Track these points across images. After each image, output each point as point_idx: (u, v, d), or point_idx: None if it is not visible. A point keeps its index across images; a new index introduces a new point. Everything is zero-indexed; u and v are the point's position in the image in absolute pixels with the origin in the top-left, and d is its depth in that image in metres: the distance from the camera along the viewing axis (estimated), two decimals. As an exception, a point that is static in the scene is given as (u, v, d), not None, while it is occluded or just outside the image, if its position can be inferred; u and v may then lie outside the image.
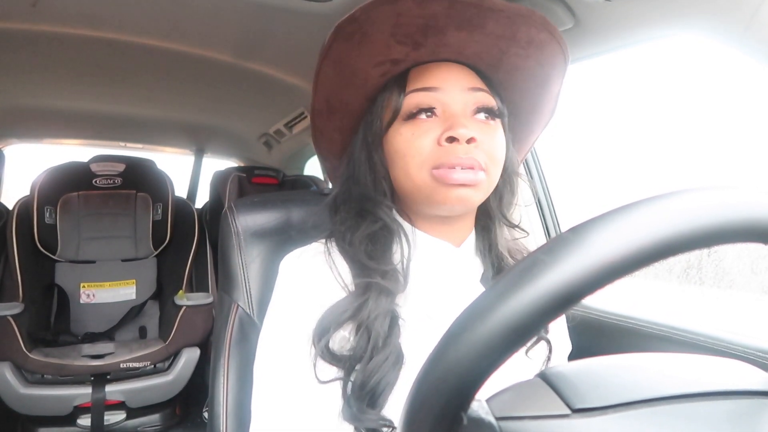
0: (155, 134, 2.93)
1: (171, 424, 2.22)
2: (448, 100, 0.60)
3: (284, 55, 1.75)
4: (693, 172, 1.55)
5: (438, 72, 0.61)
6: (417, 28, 0.57)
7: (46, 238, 2.28)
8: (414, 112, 0.60)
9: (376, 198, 0.64)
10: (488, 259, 0.68)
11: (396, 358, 0.57)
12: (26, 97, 2.27)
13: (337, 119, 0.67)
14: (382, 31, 0.57)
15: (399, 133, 0.61)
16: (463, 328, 0.26)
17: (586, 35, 1.00)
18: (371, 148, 0.64)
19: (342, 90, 0.64)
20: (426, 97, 0.60)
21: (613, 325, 1.11)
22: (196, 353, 2.16)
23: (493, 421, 0.28)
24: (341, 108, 0.66)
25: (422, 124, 0.60)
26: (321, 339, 0.57)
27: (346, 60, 0.61)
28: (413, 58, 0.61)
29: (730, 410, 0.30)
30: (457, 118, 0.59)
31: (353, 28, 0.58)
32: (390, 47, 0.59)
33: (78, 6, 1.46)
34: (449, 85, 0.61)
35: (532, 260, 0.26)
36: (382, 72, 0.62)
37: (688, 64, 1.25)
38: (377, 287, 0.59)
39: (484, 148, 0.59)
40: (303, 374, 0.58)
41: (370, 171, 0.65)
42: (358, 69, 0.61)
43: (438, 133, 0.59)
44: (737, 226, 0.26)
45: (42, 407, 1.95)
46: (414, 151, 0.59)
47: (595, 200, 1.70)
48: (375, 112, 0.64)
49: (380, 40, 0.58)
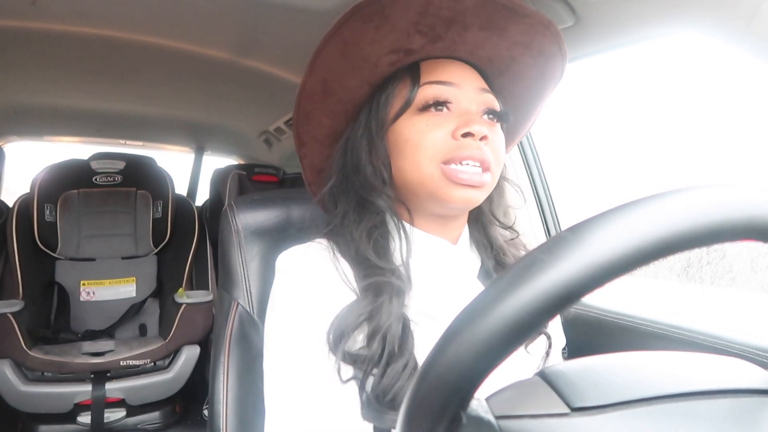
0: (155, 132, 2.93)
1: (171, 422, 2.23)
2: (463, 97, 0.61)
3: (284, 52, 1.74)
4: (693, 169, 1.55)
5: (452, 68, 0.62)
6: (442, 21, 0.57)
7: (47, 236, 2.28)
8: (429, 104, 0.60)
9: (377, 186, 0.63)
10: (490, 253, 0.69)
11: (414, 365, 0.57)
12: (26, 95, 2.27)
13: (331, 103, 0.65)
14: (406, 18, 0.57)
15: (412, 123, 0.61)
16: (463, 327, 0.26)
17: (586, 33, 1.00)
18: (375, 137, 0.63)
19: (346, 73, 0.62)
20: (443, 90, 0.60)
21: (613, 324, 1.11)
22: (196, 351, 2.16)
23: (492, 420, 0.28)
24: (340, 92, 0.64)
25: (436, 117, 0.60)
26: (339, 343, 0.56)
27: (357, 42, 0.59)
28: (428, 51, 0.61)
29: (729, 408, 0.30)
30: (471, 114, 0.60)
31: (374, 10, 0.56)
32: (410, 36, 0.58)
33: (77, 4, 1.45)
34: (464, 82, 0.61)
35: (530, 259, 0.26)
36: (393, 60, 0.61)
37: (689, 62, 1.25)
38: (390, 288, 0.58)
39: (493, 147, 0.60)
40: (319, 373, 0.57)
41: (371, 159, 0.63)
42: (369, 53, 0.60)
43: (452, 128, 0.59)
44: (736, 224, 0.26)
45: (42, 405, 1.95)
46: (427, 142, 0.59)
47: (596, 198, 1.70)
48: (382, 101, 0.63)
49: (402, 27, 0.58)
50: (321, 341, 0.57)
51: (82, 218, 2.39)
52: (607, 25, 0.97)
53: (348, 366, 0.57)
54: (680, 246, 0.25)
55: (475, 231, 0.70)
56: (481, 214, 0.70)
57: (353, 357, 0.57)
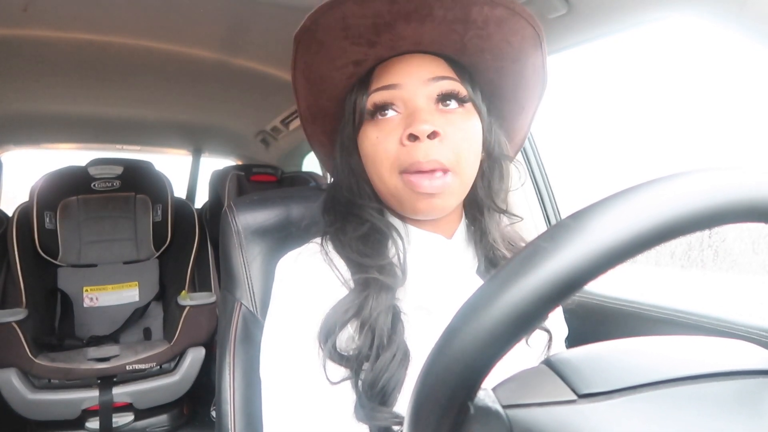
0: (152, 136, 2.93)
1: (179, 424, 2.24)
2: (408, 94, 0.59)
3: (277, 51, 1.74)
4: (691, 156, 1.55)
5: (398, 66, 0.60)
6: (366, 28, 0.57)
7: (47, 244, 2.28)
8: (373, 111, 0.60)
9: (361, 202, 0.64)
10: (480, 249, 0.67)
11: (403, 355, 0.57)
12: (21, 103, 2.27)
13: (319, 124, 0.68)
14: (334, 36, 0.57)
15: (366, 136, 0.61)
16: (468, 317, 0.26)
17: (579, 20, 0.99)
18: (348, 153, 0.64)
19: (317, 97, 0.64)
20: (384, 95, 0.59)
21: (616, 310, 1.11)
22: (202, 353, 2.17)
23: (500, 410, 0.28)
24: (321, 114, 0.66)
25: (386, 124, 0.59)
26: (327, 340, 0.56)
27: (312, 68, 0.61)
28: (373, 56, 0.60)
29: (734, 390, 0.30)
30: (417, 113, 0.57)
31: (308, 37, 0.58)
32: (346, 50, 0.59)
33: (69, 10, 1.45)
34: (409, 78, 0.59)
35: (533, 248, 0.26)
36: (347, 75, 0.61)
37: (684, 47, 1.24)
38: (376, 283, 0.58)
39: (452, 140, 0.58)
40: (314, 376, 0.57)
41: (351, 175, 0.64)
42: (324, 75, 0.61)
43: (401, 132, 0.58)
44: (738, 206, 0.26)
45: (50, 412, 1.96)
46: (381, 154, 0.59)
47: (595, 187, 1.70)
48: (345, 116, 0.64)
49: (335, 45, 0.58)
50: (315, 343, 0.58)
51: (83, 224, 2.39)
52: (600, 11, 0.97)
53: (341, 367, 0.57)
54: (684, 229, 0.25)
55: (472, 228, 0.68)
56: (476, 201, 0.67)
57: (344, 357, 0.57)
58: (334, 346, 0.57)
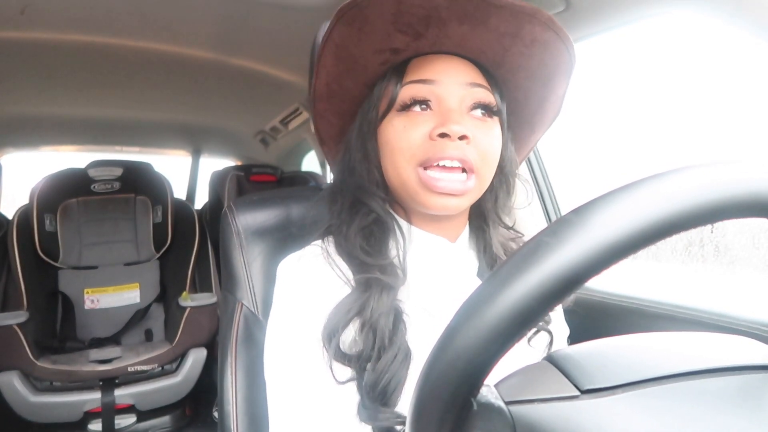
0: (151, 137, 2.93)
1: (181, 425, 2.24)
2: (445, 94, 0.59)
3: (276, 51, 1.74)
4: (692, 152, 1.55)
5: (438, 64, 0.60)
6: (418, 18, 0.56)
7: (48, 246, 2.28)
8: (408, 104, 0.60)
9: (370, 188, 0.63)
10: (483, 257, 0.68)
11: (404, 355, 0.57)
12: (19, 105, 2.26)
13: (335, 103, 0.66)
14: (383, 18, 0.56)
15: (391, 124, 0.60)
16: (470, 314, 0.26)
17: (577, 17, 0.99)
18: (366, 138, 0.64)
19: (342, 75, 0.63)
20: (422, 89, 0.59)
21: (617, 306, 1.11)
22: (203, 353, 2.17)
23: (502, 406, 0.28)
24: (341, 93, 0.65)
25: (416, 116, 0.59)
26: (331, 340, 0.56)
27: (346, 45, 0.59)
28: (414, 48, 0.60)
29: (736, 386, 0.30)
30: (451, 113, 0.58)
31: (354, 13, 0.56)
32: (391, 35, 0.58)
33: (66, 12, 1.45)
34: (447, 78, 0.59)
35: (536, 243, 0.26)
36: (382, 60, 0.61)
37: (682, 43, 1.24)
38: (378, 283, 0.58)
39: (478, 146, 0.58)
40: (319, 377, 0.57)
41: (364, 160, 0.64)
42: (358, 55, 0.60)
43: (430, 127, 0.58)
44: (740, 201, 0.26)
45: (52, 414, 1.96)
46: (404, 143, 0.59)
47: (594, 183, 1.70)
48: (372, 101, 0.63)
49: (381, 28, 0.57)
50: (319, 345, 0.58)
51: (83, 226, 2.39)
52: (598, 7, 0.97)
53: (345, 367, 0.57)
54: (686, 224, 0.25)
55: (475, 236, 0.69)
56: (483, 213, 0.68)
57: (347, 357, 0.57)
58: (338, 347, 0.57)
